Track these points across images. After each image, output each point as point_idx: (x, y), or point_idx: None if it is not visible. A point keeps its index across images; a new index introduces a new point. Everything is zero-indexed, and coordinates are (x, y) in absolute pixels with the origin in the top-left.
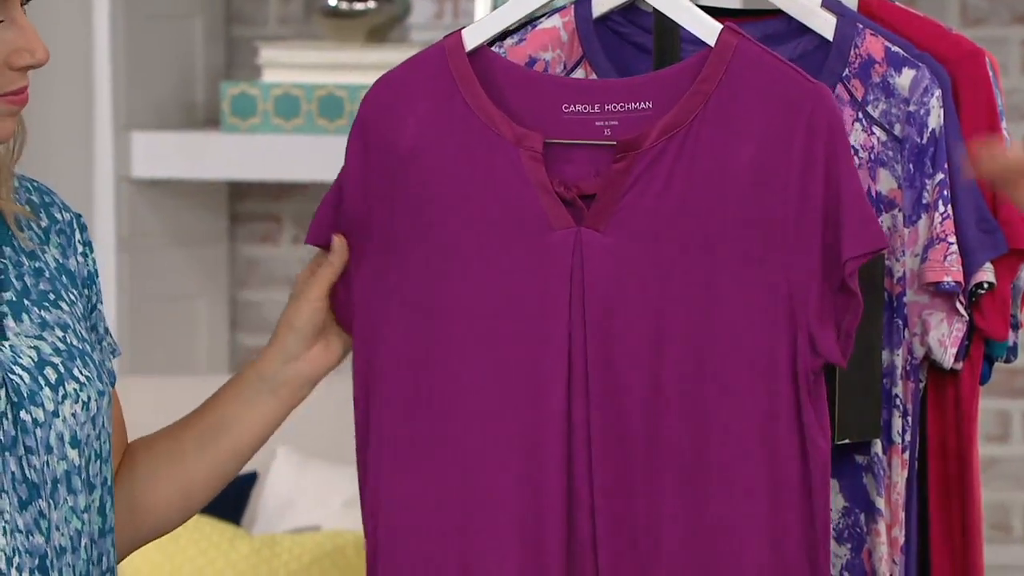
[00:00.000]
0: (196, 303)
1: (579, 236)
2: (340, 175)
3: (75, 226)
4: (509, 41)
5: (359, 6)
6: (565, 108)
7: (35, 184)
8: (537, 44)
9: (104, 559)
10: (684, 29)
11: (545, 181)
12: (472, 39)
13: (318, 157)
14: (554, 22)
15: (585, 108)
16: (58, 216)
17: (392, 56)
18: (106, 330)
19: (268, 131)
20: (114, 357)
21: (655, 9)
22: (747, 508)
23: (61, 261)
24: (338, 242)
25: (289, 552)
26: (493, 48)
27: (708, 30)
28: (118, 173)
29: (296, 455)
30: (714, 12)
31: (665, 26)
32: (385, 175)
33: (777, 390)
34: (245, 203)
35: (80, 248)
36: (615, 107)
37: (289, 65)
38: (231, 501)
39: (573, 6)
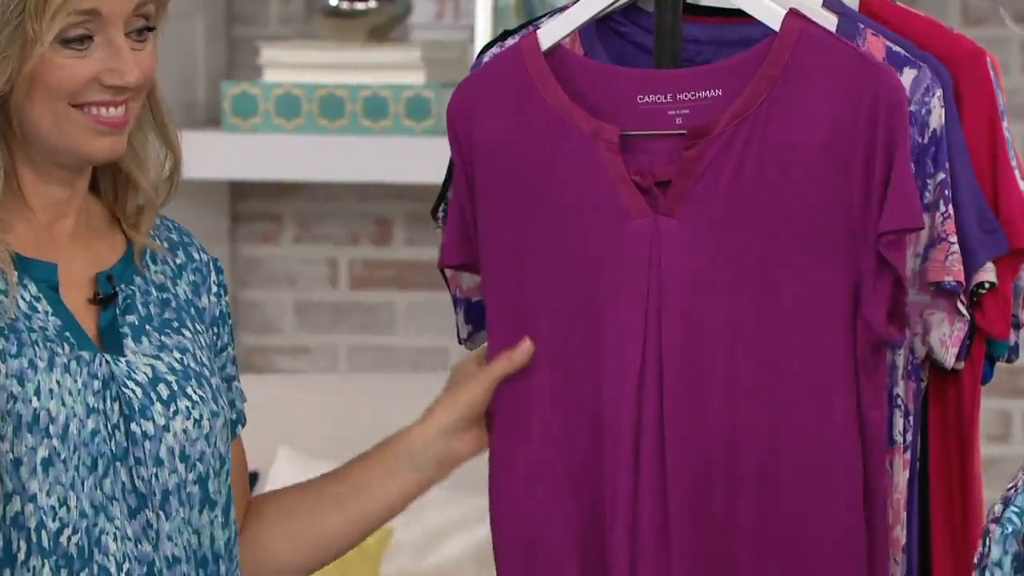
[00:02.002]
0: None
1: (656, 224)
2: (452, 187)
3: (212, 267)
4: (510, 41)
5: (360, 6)
6: (640, 99)
7: (176, 225)
8: None
9: None
10: (685, 29)
11: (622, 171)
12: (547, 39)
13: (319, 157)
14: None
15: (658, 98)
16: (196, 256)
17: (393, 56)
18: (235, 376)
19: (269, 131)
20: (243, 402)
21: (656, 9)
22: (815, 488)
23: (191, 297)
24: (526, 344)
25: None
26: (494, 49)
27: (773, 16)
28: None
29: (297, 455)
30: (717, 12)
31: (665, 26)
32: (472, 173)
33: (839, 369)
34: (246, 203)
35: (215, 288)
36: (686, 96)
37: (290, 65)
38: None
39: None
